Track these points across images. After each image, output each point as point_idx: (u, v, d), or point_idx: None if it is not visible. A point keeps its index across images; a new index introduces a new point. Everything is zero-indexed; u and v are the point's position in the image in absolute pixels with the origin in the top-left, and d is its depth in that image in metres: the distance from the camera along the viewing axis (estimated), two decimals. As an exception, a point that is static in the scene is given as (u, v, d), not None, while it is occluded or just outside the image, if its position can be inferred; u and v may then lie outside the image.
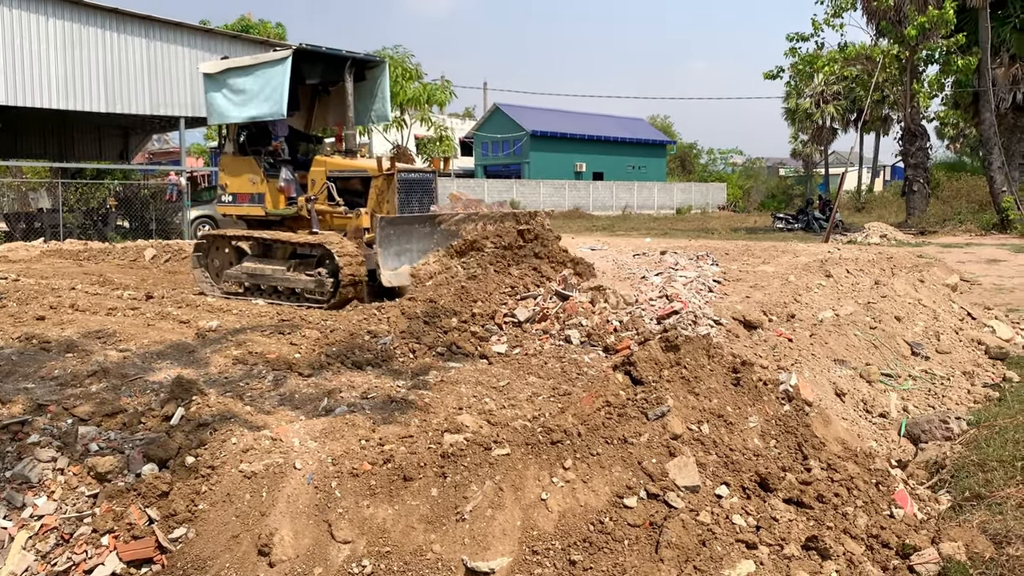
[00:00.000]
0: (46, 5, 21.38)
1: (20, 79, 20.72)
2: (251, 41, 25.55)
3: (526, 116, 55.68)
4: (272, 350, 6.74)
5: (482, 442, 4.31)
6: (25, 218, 24.27)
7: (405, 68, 21.78)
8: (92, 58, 21.90)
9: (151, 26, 22.98)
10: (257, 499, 3.92)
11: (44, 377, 5.98)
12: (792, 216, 31.36)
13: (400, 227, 9.14)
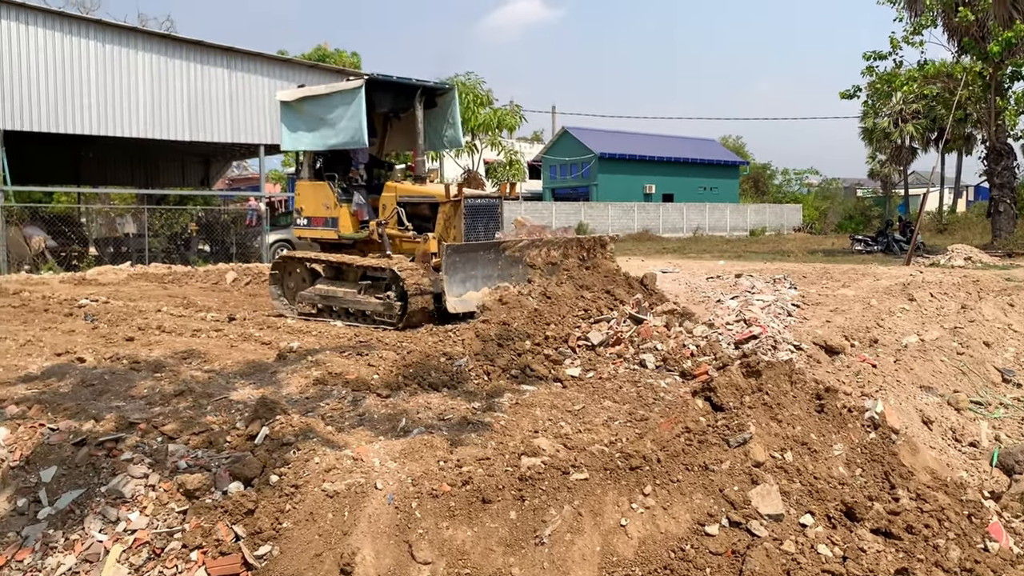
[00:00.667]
0: (135, 39, 22.38)
1: (111, 110, 21.70)
2: (327, 70, 26.24)
3: (594, 138, 55.66)
4: (350, 371, 6.86)
5: (560, 466, 4.30)
6: (113, 243, 25.28)
7: (476, 94, 22.04)
8: (177, 89, 22.79)
9: (232, 57, 23.81)
10: (339, 518, 3.98)
11: (134, 396, 6.21)
12: (871, 238, 30.53)
13: (465, 254, 9.21)
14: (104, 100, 21.62)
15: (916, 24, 25.56)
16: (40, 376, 6.77)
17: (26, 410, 5.54)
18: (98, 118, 21.48)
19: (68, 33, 21.22)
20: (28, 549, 4.08)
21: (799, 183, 72.71)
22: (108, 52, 21.71)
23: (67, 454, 4.66)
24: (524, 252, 9.54)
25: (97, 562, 4.01)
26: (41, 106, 20.78)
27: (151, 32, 23.84)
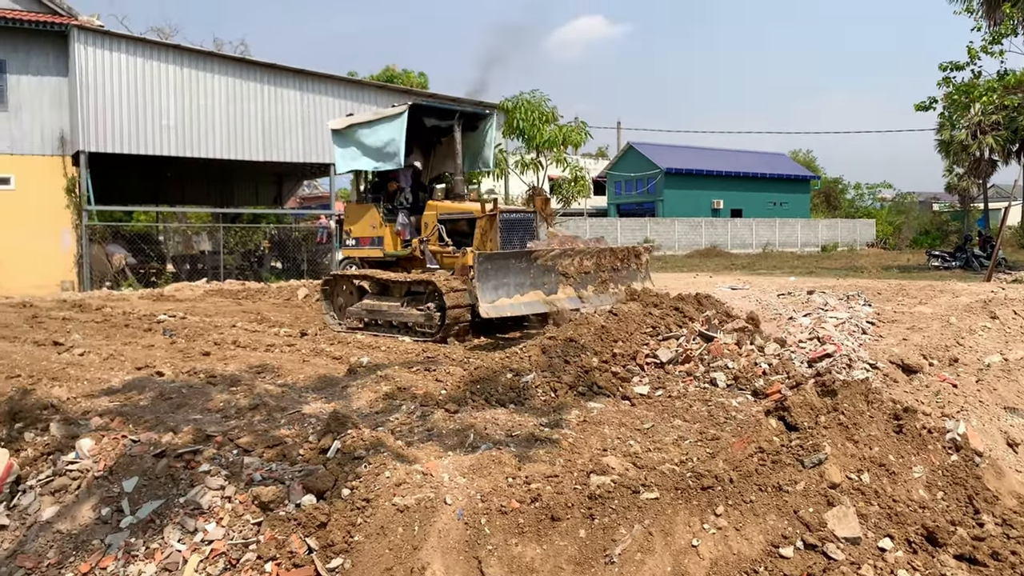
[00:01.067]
0: (212, 63, 23.14)
1: (189, 132, 22.45)
2: (395, 90, 26.69)
3: (660, 154, 55.32)
4: (419, 386, 6.92)
5: (630, 485, 4.26)
6: (189, 260, 26.09)
7: (541, 112, 22.08)
8: (252, 110, 23.47)
9: (304, 79, 24.42)
10: (409, 533, 4.01)
11: (210, 409, 6.37)
12: (949, 254, 29.58)
13: (497, 262, 9.51)
14: (183, 122, 22.39)
15: (995, 33, 24.78)
16: (122, 389, 7.01)
17: (109, 422, 5.74)
18: (177, 140, 22.25)
19: (148, 58, 22.06)
20: (111, 557, 4.22)
21: (872, 197, 70.92)
22: (186, 76, 22.50)
23: (148, 465, 4.81)
24: (556, 261, 9.82)
25: (176, 571, 4.11)
26: (123, 129, 21.62)
27: (227, 56, 24.64)
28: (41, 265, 21.28)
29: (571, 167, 22.51)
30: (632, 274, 10.75)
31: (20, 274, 21.04)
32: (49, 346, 9.88)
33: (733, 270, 27.13)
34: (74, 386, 7.15)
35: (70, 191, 21.68)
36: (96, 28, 21.53)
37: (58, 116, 21.76)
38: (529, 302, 9.62)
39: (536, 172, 22.51)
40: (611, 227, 47.08)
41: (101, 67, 21.31)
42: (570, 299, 9.91)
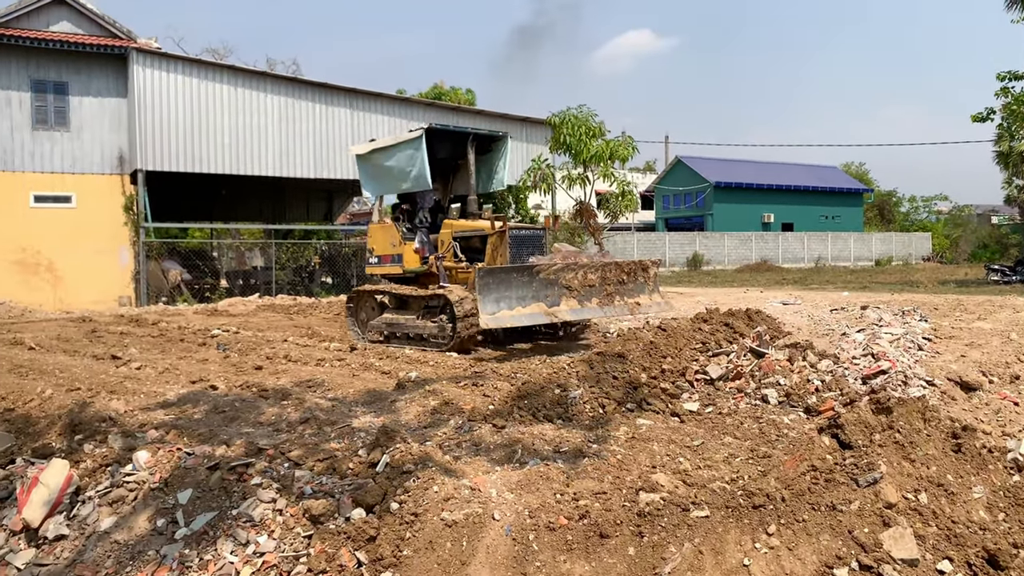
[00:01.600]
0: (265, 83, 23.65)
1: (243, 150, 22.95)
2: (443, 108, 26.96)
3: (709, 167, 54.88)
4: (467, 401, 6.94)
5: (679, 502, 4.21)
6: (242, 275, 26.59)
7: (588, 126, 22.03)
8: (303, 129, 23.90)
9: (354, 97, 24.81)
10: (458, 548, 4.02)
11: (262, 423, 6.47)
12: (1009, 267, 28.79)
13: (498, 276, 9.88)
14: (237, 141, 22.90)
15: (1056, 41, 24.11)
16: (177, 402, 7.15)
17: (164, 434, 5.86)
18: (231, 158, 22.75)
19: (203, 79, 22.63)
20: (166, 567, 4.29)
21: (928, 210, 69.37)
22: (240, 95, 23.02)
23: (202, 477, 4.90)
24: (560, 275, 10.15)
25: (229, 582, 4.17)
26: (179, 148, 22.18)
27: (279, 76, 25.16)
28: (100, 281, 21.88)
29: (618, 181, 22.42)
30: (640, 287, 11.01)
31: (80, 289, 21.66)
32: (107, 360, 10.13)
33: (784, 285, 26.73)
34: (131, 399, 7.32)
35: (128, 209, 22.28)
36: (154, 50, 22.16)
37: (117, 136, 22.41)
38: (531, 314, 9.93)
39: (583, 187, 22.49)
40: (659, 241, 46.78)
41: (158, 88, 21.92)
42: (573, 311, 10.24)
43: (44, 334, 13.57)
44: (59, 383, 8.07)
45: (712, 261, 46.46)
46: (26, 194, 21.49)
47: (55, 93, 21.78)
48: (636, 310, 10.91)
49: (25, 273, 21.38)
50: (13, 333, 13.80)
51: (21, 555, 4.69)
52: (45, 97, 21.68)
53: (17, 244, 21.24)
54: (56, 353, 11.03)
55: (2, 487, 5.47)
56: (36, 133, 21.60)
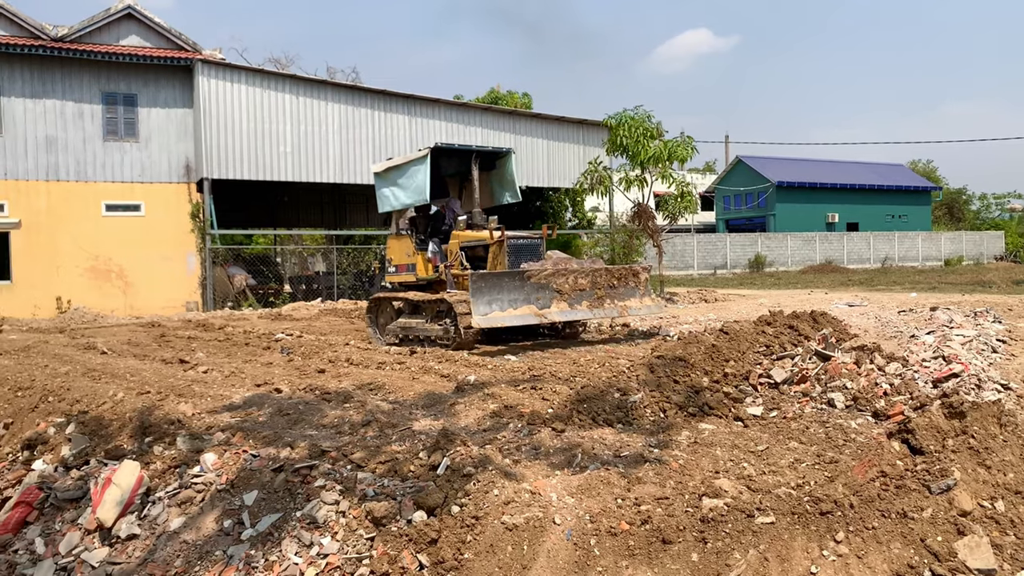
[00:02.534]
0: (326, 91, 24.03)
1: (304, 158, 23.36)
2: (500, 112, 27.02)
3: (770, 167, 53.98)
4: (525, 404, 6.93)
5: (744, 508, 4.13)
6: (305, 280, 27.05)
7: (646, 127, 21.88)
8: (363, 135, 24.23)
9: (413, 104, 25.05)
10: (519, 552, 4.01)
11: (325, 425, 6.55)
12: (1088, 266, 27.64)
13: (490, 281, 10.72)
14: (298, 148, 23.32)
15: None
16: (242, 405, 7.29)
17: (231, 437, 5.97)
18: (293, 165, 23.19)
19: (266, 88, 23.10)
20: (233, 568, 4.37)
21: (1000, 208, 67.09)
22: (301, 104, 23.44)
23: (267, 479, 4.98)
24: (551, 279, 11.01)
25: (294, 583, 4.23)
26: (243, 156, 22.69)
27: (340, 84, 25.54)
28: (168, 286, 22.50)
29: (677, 183, 22.19)
30: (630, 291, 11.77)
31: (149, 295, 22.30)
32: (175, 364, 10.40)
33: (850, 286, 26.12)
34: (198, 402, 7.48)
35: (195, 216, 22.87)
36: (218, 61, 22.71)
37: (184, 145, 23.02)
38: (521, 315, 10.72)
39: (641, 189, 22.31)
40: (720, 243, 46.17)
41: (223, 98, 22.45)
42: (563, 313, 11.07)
43: (115, 339, 14.00)
44: (130, 386, 8.30)
45: (775, 263, 45.65)
46: (98, 203, 22.22)
47: (125, 105, 22.47)
48: (625, 312, 11.70)
49: (97, 279, 22.10)
50: (86, 338, 14.27)
51: (96, 553, 4.83)
52: (116, 109, 22.39)
53: (90, 252, 21.97)
54: (127, 357, 11.36)
55: (77, 487, 5.65)
56: (107, 144, 22.31)
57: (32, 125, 21.55)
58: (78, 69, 21.87)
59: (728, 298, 21.58)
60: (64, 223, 21.73)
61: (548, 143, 27.12)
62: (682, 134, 22.99)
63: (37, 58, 21.39)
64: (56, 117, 21.78)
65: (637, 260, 24.86)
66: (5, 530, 5.42)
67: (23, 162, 21.47)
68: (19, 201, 21.39)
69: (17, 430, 7.43)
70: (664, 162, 21.66)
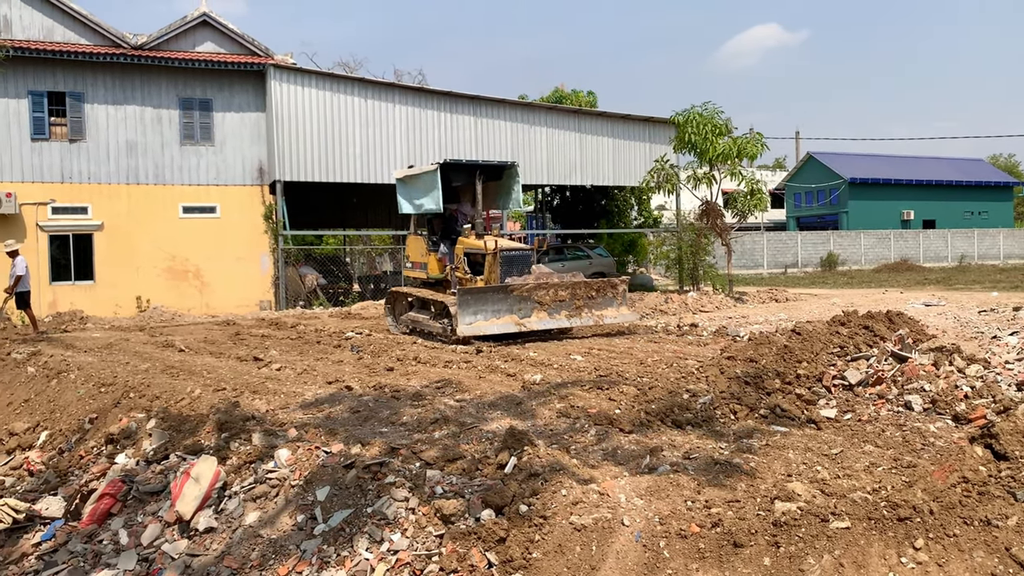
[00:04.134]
0: (393, 93, 24.34)
1: (373, 159, 23.70)
2: (564, 111, 26.97)
3: (843, 163, 52.64)
4: (592, 404, 6.91)
5: (818, 513, 4.05)
6: (373, 280, 27.43)
7: (714, 124, 21.58)
8: (429, 137, 24.46)
9: (478, 104, 25.18)
10: (587, 552, 4.00)
11: (394, 423, 6.64)
12: None
13: (475, 294, 12.03)
14: (367, 150, 23.68)
15: None
16: (314, 402, 7.44)
17: (303, 433, 6.10)
18: (362, 167, 23.55)
19: (336, 91, 23.50)
20: (306, 562, 4.47)
21: (1088, 203, 64.17)
22: (370, 107, 23.79)
23: (338, 475, 5.08)
24: (531, 292, 12.13)
25: (364, 579, 4.30)
26: (314, 158, 23.14)
27: (406, 86, 25.82)
28: (242, 286, 23.08)
29: (746, 180, 21.83)
30: (608, 301, 12.84)
31: (224, 294, 22.92)
32: (250, 361, 10.66)
33: (926, 285, 25.31)
34: (272, 399, 7.66)
35: (267, 218, 23.41)
36: (290, 66, 23.20)
37: (257, 149, 23.59)
38: (503, 324, 11.91)
39: (709, 186, 22.02)
40: (790, 241, 45.24)
41: (294, 101, 22.94)
42: (542, 322, 12.20)
43: (192, 337, 14.43)
44: (207, 383, 8.55)
45: (847, 261, 44.52)
46: (175, 205, 22.93)
47: (201, 110, 23.13)
48: (601, 320, 12.71)
49: (175, 279, 22.80)
50: (165, 336, 14.74)
51: (176, 545, 5.00)
52: (192, 114, 23.06)
53: (168, 252, 22.68)
54: (203, 355, 11.70)
55: (158, 480, 5.85)
56: (184, 148, 23.01)
57: (114, 131, 22.35)
58: (156, 76, 22.60)
59: (799, 297, 21.14)
60: (143, 225, 22.48)
61: (613, 141, 26.96)
62: (751, 130, 22.65)
63: (119, 66, 22.18)
64: (136, 123, 22.55)
65: (705, 259, 24.52)
66: (91, 520, 5.65)
67: (105, 166, 22.29)
68: (102, 204, 22.21)
69: (101, 424, 7.72)
70: (733, 159, 21.32)
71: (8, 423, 8.76)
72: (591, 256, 27.31)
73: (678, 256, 25.21)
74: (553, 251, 28.42)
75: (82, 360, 10.73)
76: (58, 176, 21.82)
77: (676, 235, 26.12)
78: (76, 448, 7.43)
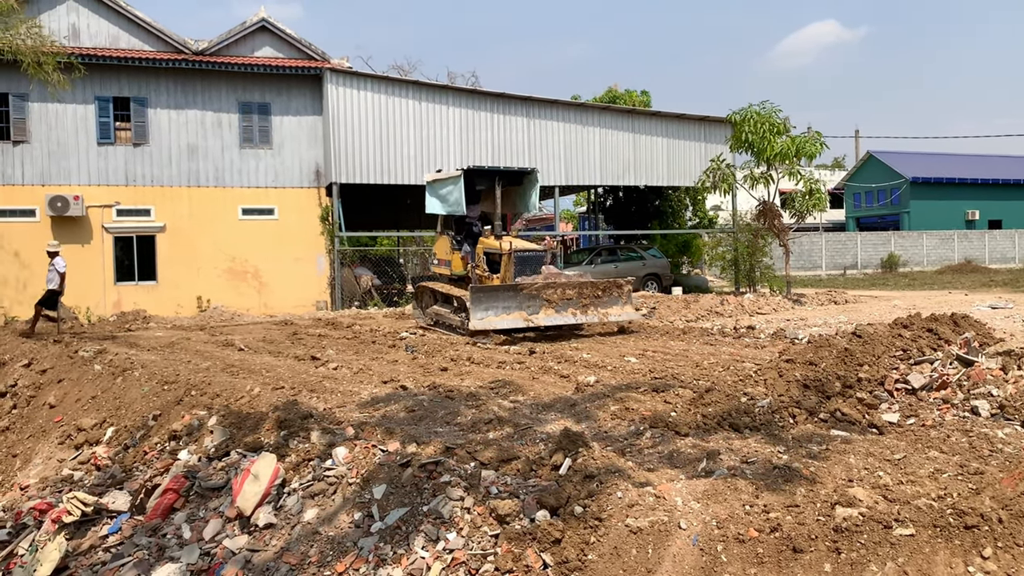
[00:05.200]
0: (446, 96, 24.50)
1: (426, 161, 23.88)
2: (618, 111, 26.83)
3: (904, 162, 51.35)
4: (648, 407, 6.86)
5: (880, 519, 3.96)
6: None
7: (772, 123, 21.25)
8: (482, 138, 24.57)
9: (531, 105, 25.21)
10: (643, 555, 3.97)
11: (449, 423, 6.69)
12: None
13: (487, 292, 13.08)
14: (421, 152, 23.89)
15: None
16: (370, 402, 7.53)
17: (360, 432, 6.18)
18: (416, 169, 23.76)
19: (390, 94, 23.76)
20: (363, 559, 4.53)
21: None
22: (424, 109, 24.00)
23: (395, 474, 5.13)
24: (540, 291, 12.98)
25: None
26: (369, 160, 23.42)
27: (460, 88, 25.97)
28: (299, 287, 23.46)
29: (805, 180, 21.46)
30: (613, 300, 13.64)
31: (282, 295, 23.33)
32: (307, 360, 10.83)
33: (992, 287, 24.56)
34: (329, 398, 7.78)
35: (324, 219, 23.76)
36: (345, 69, 23.51)
37: (314, 151, 23.96)
38: (512, 320, 12.74)
39: (766, 186, 21.69)
40: (850, 242, 44.31)
41: (350, 105, 23.25)
42: (549, 318, 13.00)
43: (251, 336, 14.72)
44: (266, 382, 8.71)
45: (909, 262, 43.44)
46: (235, 207, 23.41)
47: (259, 114, 23.58)
48: (606, 317, 13.47)
49: (235, 280, 23.28)
50: (224, 335, 15.06)
51: (236, 540, 5.10)
52: (251, 118, 23.52)
53: (228, 253, 23.17)
54: (262, 354, 11.92)
55: (219, 477, 5.98)
56: (243, 151, 23.48)
57: (176, 135, 22.91)
58: (217, 81, 23.11)
59: (859, 299, 20.70)
60: (204, 226, 23.00)
61: (667, 141, 26.73)
62: (810, 129, 22.23)
63: (181, 71, 22.73)
64: (197, 126, 23.08)
65: (762, 260, 24.15)
66: (155, 515, 5.80)
67: (167, 169, 22.86)
68: (164, 206, 22.78)
69: (164, 421, 7.92)
70: (791, 158, 20.97)
71: (77, 419, 9.04)
72: (644, 257, 27.11)
73: (734, 257, 24.87)
74: (606, 252, 28.27)
75: (145, 358, 11.02)
76: (122, 179, 22.45)
77: (732, 236, 25.78)
78: (140, 444, 7.63)
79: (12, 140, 21.55)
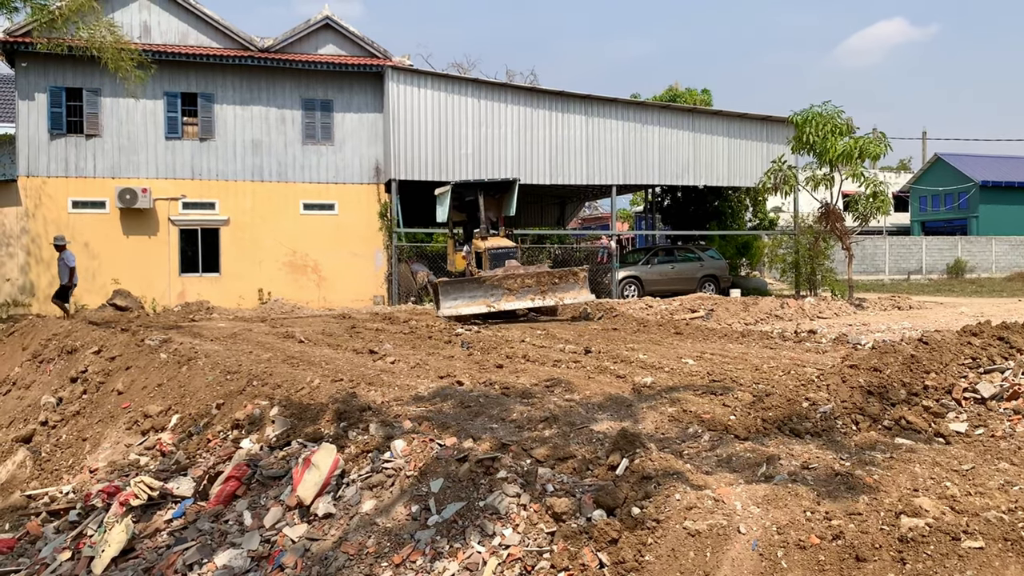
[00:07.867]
0: (505, 94, 24.58)
1: (484, 159, 24.00)
2: (678, 110, 26.58)
3: (974, 165, 49.86)
4: (706, 410, 6.79)
5: (948, 530, 3.86)
6: (480, 278, 27.75)
7: (835, 124, 20.86)
8: (540, 136, 24.58)
9: (590, 104, 25.13)
10: (701, 558, 3.94)
11: (505, 420, 6.71)
12: None
13: (455, 284, 15.92)
14: (479, 150, 24.01)
15: None
16: (427, 396, 7.60)
17: (418, 426, 6.24)
18: (473, 166, 23.89)
19: (449, 92, 23.92)
20: (419, 552, 4.58)
21: None
22: (482, 107, 24.11)
23: (451, 468, 5.17)
24: (501, 281, 15.55)
25: (476, 572, 4.37)
26: (427, 158, 23.63)
27: (518, 86, 26.04)
28: (358, 281, 23.80)
29: (868, 182, 21.00)
30: (570, 286, 16.07)
31: (340, 289, 23.69)
32: (365, 354, 10.97)
33: (1066, 295, 23.70)
34: (386, 391, 7.86)
35: (383, 215, 24.06)
36: (406, 67, 23.75)
37: (374, 148, 24.26)
38: (477, 307, 15.39)
39: (828, 188, 21.28)
40: (915, 247, 43.19)
41: (410, 102, 23.48)
42: (509, 303, 15.62)
43: (311, 329, 14.97)
44: (325, 374, 8.85)
45: (976, 268, 42.16)
46: (296, 202, 23.84)
47: (322, 110, 23.96)
48: (562, 300, 16.10)
49: (295, 273, 23.71)
50: (285, 327, 15.34)
51: (296, 529, 5.20)
52: (313, 114, 23.92)
53: (289, 247, 23.61)
54: (321, 346, 12.11)
55: (280, 466, 6.10)
56: (305, 147, 23.88)
57: (240, 130, 23.41)
58: (281, 77, 23.55)
59: (924, 305, 20.18)
60: (266, 221, 23.46)
61: (728, 141, 26.38)
62: (874, 130, 21.76)
63: (246, 68, 23.22)
64: (261, 122, 23.56)
65: (823, 263, 23.69)
66: (218, 501, 5.95)
67: (232, 164, 23.38)
68: (228, 200, 23.31)
69: (227, 410, 8.10)
70: (854, 160, 20.53)
71: (143, 405, 9.30)
72: (702, 259, 26.81)
73: (795, 260, 24.46)
74: (662, 252, 28.03)
75: (209, 348, 11.29)
76: (188, 173, 23.04)
77: (793, 238, 25.34)
78: (204, 432, 7.82)
79: (85, 134, 22.27)
